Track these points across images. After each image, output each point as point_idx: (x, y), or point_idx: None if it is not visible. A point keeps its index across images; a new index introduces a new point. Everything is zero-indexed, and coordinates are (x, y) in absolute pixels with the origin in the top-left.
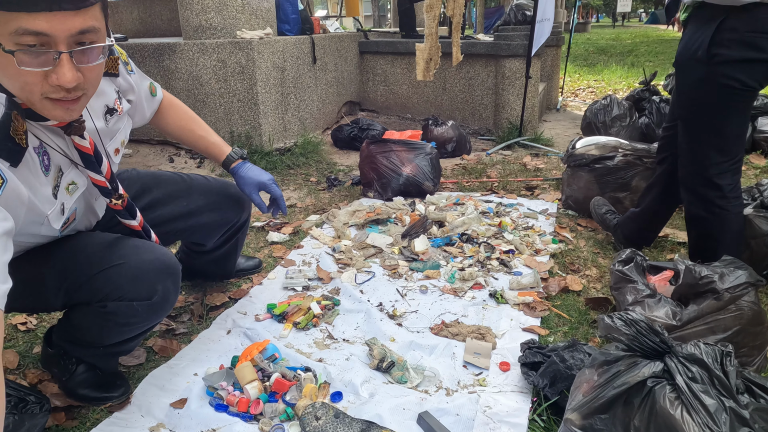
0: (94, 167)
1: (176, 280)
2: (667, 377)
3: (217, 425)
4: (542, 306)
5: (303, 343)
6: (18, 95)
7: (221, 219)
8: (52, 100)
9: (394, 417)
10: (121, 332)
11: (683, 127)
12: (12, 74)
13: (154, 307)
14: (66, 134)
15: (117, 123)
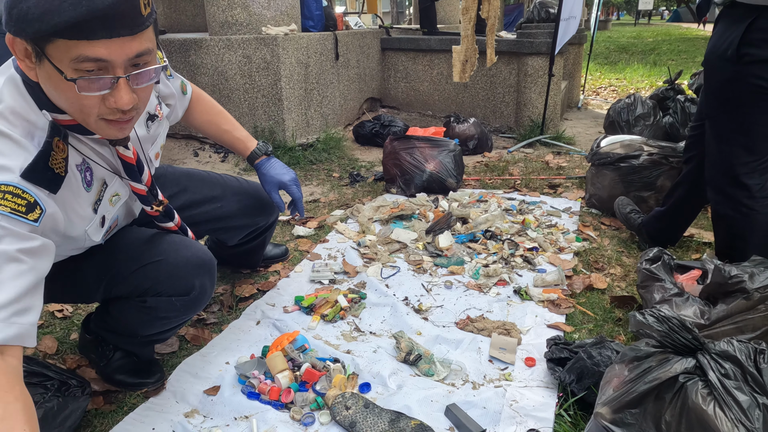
0: (136, 177)
1: (212, 275)
2: (699, 373)
3: (250, 412)
4: (567, 303)
5: (331, 335)
6: (73, 116)
7: (251, 222)
8: (107, 121)
9: (423, 408)
10: (159, 325)
11: (711, 127)
12: (71, 98)
13: (191, 302)
14: (111, 145)
15: (158, 128)
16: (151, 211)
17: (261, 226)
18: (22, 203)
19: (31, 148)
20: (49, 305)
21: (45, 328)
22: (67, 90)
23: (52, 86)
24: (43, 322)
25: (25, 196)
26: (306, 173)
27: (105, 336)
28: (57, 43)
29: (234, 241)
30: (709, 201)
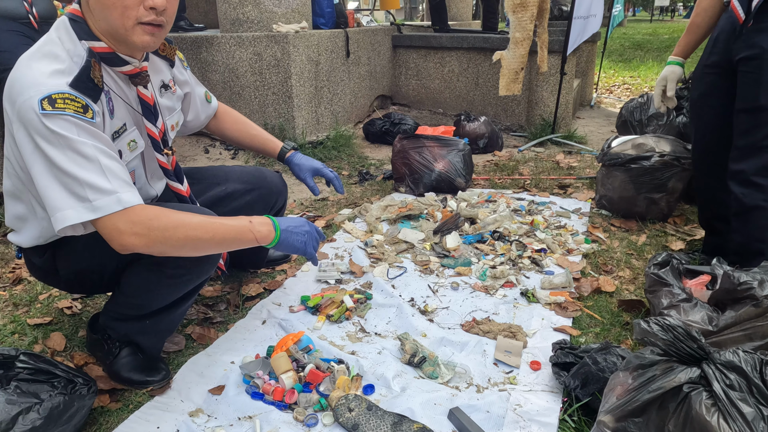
0: (152, 118)
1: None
2: (703, 383)
3: (254, 412)
4: (574, 306)
5: (336, 335)
6: (115, 22)
7: (258, 198)
8: (143, 26)
9: (426, 411)
10: (167, 291)
11: (764, 118)
12: (114, 2)
13: (198, 262)
14: (132, 83)
15: (170, 100)
16: (163, 162)
17: (270, 205)
18: (78, 106)
19: (74, 67)
20: (58, 302)
21: (54, 325)
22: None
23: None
24: (52, 319)
25: (78, 100)
26: None
27: (114, 327)
28: None
29: None
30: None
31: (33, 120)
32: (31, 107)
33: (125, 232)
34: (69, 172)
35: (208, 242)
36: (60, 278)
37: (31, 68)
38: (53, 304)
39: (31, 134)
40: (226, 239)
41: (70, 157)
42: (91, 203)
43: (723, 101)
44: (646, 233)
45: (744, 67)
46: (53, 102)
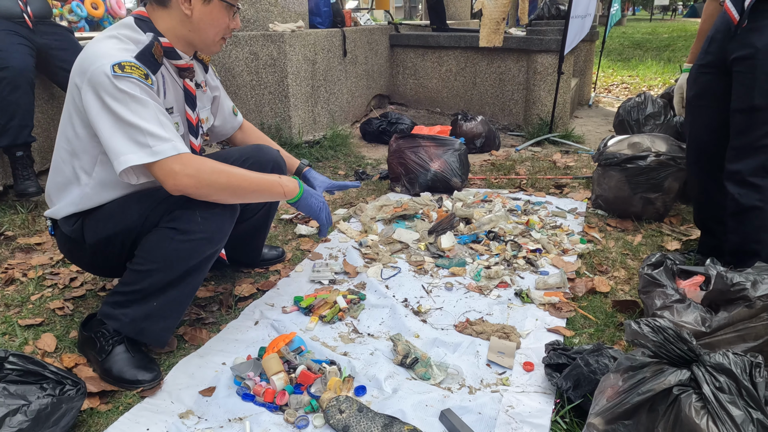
0: (192, 105)
1: (233, 216)
2: (693, 386)
3: (244, 414)
4: (568, 307)
5: (328, 336)
6: (208, 36)
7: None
8: (220, 40)
9: (417, 413)
10: (180, 248)
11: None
12: (218, 22)
13: (210, 221)
14: (180, 76)
15: (203, 98)
16: (196, 144)
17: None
18: (142, 73)
19: (136, 48)
20: (50, 302)
21: (45, 325)
22: (220, 16)
23: (207, 16)
24: (44, 320)
25: (141, 69)
26: None
27: (118, 317)
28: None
29: None
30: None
31: (104, 82)
32: (103, 71)
33: (179, 173)
34: (132, 123)
35: (245, 189)
36: (86, 250)
37: (101, 46)
38: (45, 304)
39: (100, 95)
40: (259, 188)
41: (133, 110)
42: (151, 148)
43: (718, 102)
44: (641, 233)
45: (738, 67)
46: (122, 67)
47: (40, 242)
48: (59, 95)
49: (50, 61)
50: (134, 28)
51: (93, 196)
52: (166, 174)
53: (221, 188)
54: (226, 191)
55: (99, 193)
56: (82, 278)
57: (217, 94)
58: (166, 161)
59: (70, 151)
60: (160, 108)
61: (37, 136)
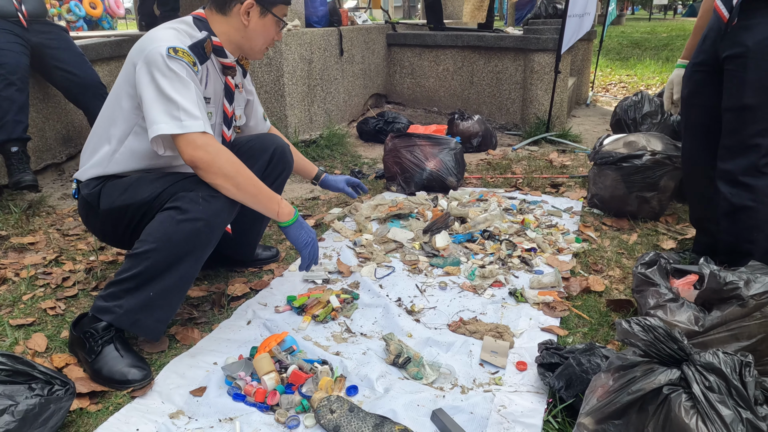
0: (230, 99)
1: (234, 207)
2: (683, 385)
3: (235, 414)
4: (562, 306)
5: (321, 336)
6: (256, 44)
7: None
8: (264, 49)
9: (408, 413)
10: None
11: (749, 117)
12: (269, 32)
13: (211, 204)
14: (224, 73)
15: (238, 98)
16: (227, 134)
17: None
18: (191, 60)
19: (190, 41)
20: (42, 302)
21: (36, 325)
22: (270, 29)
23: (260, 28)
24: (35, 320)
25: (191, 56)
26: None
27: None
28: (279, 6)
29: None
30: None
31: (158, 60)
32: (159, 52)
33: (199, 146)
34: (171, 98)
35: (247, 189)
36: (99, 215)
37: (161, 33)
38: (37, 304)
39: (151, 70)
40: (259, 194)
41: (175, 88)
42: (182, 122)
43: (711, 100)
44: (637, 232)
45: (729, 66)
46: (176, 51)
47: (34, 242)
48: (54, 95)
49: (45, 60)
50: (191, 25)
51: (120, 161)
52: (186, 144)
53: (227, 176)
54: (230, 181)
55: (126, 160)
56: (74, 278)
57: (251, 98)
58: (191, 135)
59: (110, 118)
60: (198, 92)
61: (32, 135)
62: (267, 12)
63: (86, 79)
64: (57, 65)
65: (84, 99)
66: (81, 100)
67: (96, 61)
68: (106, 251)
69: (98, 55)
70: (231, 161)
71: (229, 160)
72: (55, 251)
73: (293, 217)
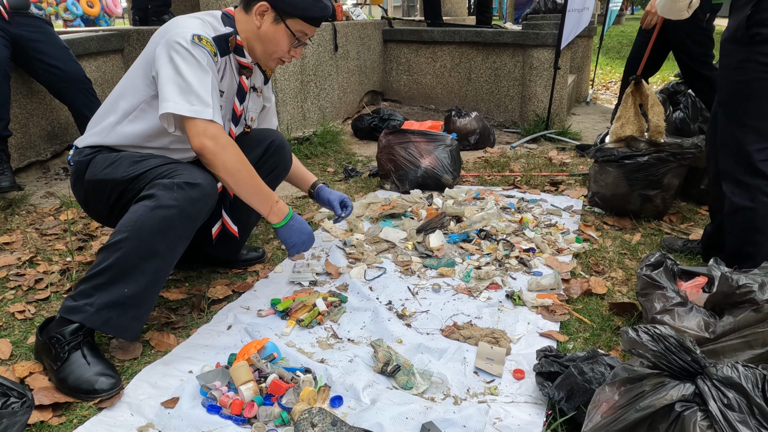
0: (241, 99)
1: (211, 199)
2: (698, 402)
3: (208, 428)
4: (562, 310)
5: (305, 341)
6: (266, 51)
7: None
8: (277, 60)
9: (396, 427)
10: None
11: (724, 113)
12: (280, 44)
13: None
14: (239, 73)
15: (254, 101)
16: (234, 131)
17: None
18: (213, 50)
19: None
20: (11, 305)
21: (2, 330)
22: (282, 41)
23: (271, 35)
24: (2, 324)
25: (214, 47)
26: None
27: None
28: (297, 20)
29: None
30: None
31: (181, 43)
32: (183, 36)
33: (206, 135)
34: (188, 80)
35: (244, 188)
36: (83, 185)
37: (188, 21)
38: (5, 308)
39: (171, 52)
40: (255, 195)
41: (193, 71)
42: (193, 106)
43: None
44: (640, 232)
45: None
46: (201, 39)
47: (10, 242)
48: (39, 90)
49: (27, 53)
50: (218, 19)
51: (119, 134)
52: (195, 129)
53: (229, 171)
54: (231, 177)
55: (125, 134)
56: (48, 279)
57: (269, 105)
58: (199, 120)
59: (122, 93)
60: (214, 81)
61: (14, 132)
62: (281, 21)
63: (70, 74)
64: (39, 58)
65: (68, 94)
66: (65, 95)
67: (83, 56)
68: (84, 251)
69: (85, 49)
70: (236, 156)
71: (234, 155)
72: (31, 251)
73: (284, 219)
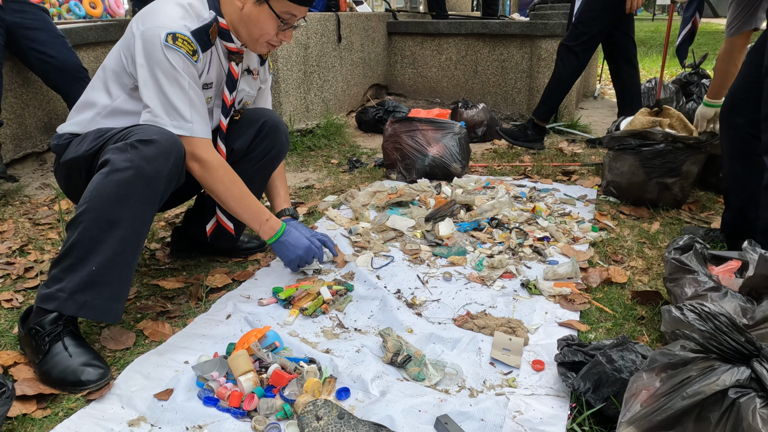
0: (231, 88)
1: (171, 155)
2: (755, 387)
3: (204, 421)
4: (581, 299)
5: (309, 331)
6: (252, 34)
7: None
8: (266, 44)
9: (408, 420)
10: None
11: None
12: (265, 26)
13: (140, 152)
14: (229, 58)
15: (248, 84)
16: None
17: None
18: (190, 49)
19: (196, 22)
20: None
21: None
22: (267, 23)
23: (254, 17)
24: None
25: (191, 44)
26: (303, 159)
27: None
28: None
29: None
30: None
31: (155, 45)
32: (158, 35)
33: (192, 157)
34: (165, 92)
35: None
36: (61, 167)
37: (168, 9)
38: None
39: (150, 61)
40: (243, 215)
41: (170, 82)
42: (175, 122)
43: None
44: (659, 221)
45: None
46: (175, 39)
47: (1, 231)
48: (35, 80)
49: (20, 41)
50: (203, 2)
51: (100, 124)
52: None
53: (215, 194)
54: (218, 198)
55: (107, 124)
56: (38, 268)
57: (265, 87)
58: (183, 138)
59: (103, 84)
60: (194, 86)
61: (10, 123)
62: (263, 1)
63: (65, 63)
64: (33, 46)
65: (62, 83)
66: (59, 85)
67: (81, 45)
68: None
69: (83, 39)
70: (221, 180)
71: (222, 176)
72: (23, 240)
73: (275, 236)
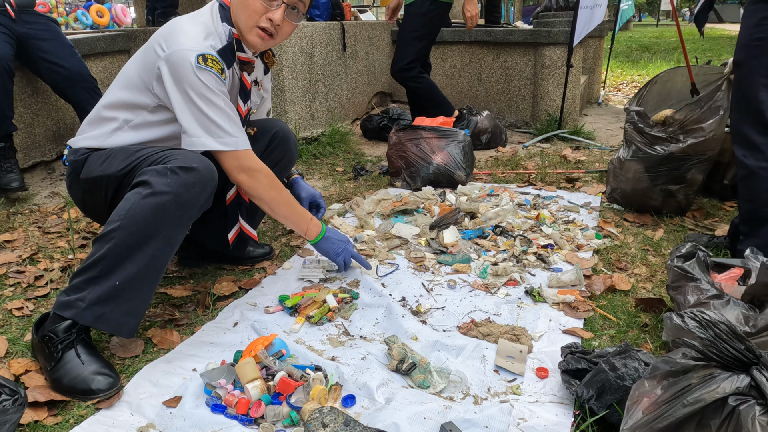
0: (244, 98)
1: (209, 184)
2: (755, 395)
3: (212, 428)
4: (585, 306)
5: (315, 339)
6: (242, 20)
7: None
8: (258, 29)
9: (413, 427)
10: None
11: (738, 74)
12: (248, 6)
13: (181, 178)
14: (240, 68)
15: (255, 94)
16: None
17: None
18: (219, 68)
19: (218, 40)
20: (9, 302)
21: (0, 327)
22: (252, 2)
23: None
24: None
25: (219, 63)
26: (308, 167)
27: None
28: None
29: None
30: None
31: (186, 68)
32: (188, 59)
33: (241, 169)
34: (205, 112)
35: (279, 212)
36: (79, 184)
37: (189, 29)
38: (3, 305)
39: (183, 84)
40: (291, 217)
41: (206, 103)
42: (221, 139)
43: None
44: (662, 228)
45: None
46: (205, 60)
47: (11, 239)
48: (44, 90)
49: (31, 51)
50: (216, 15)
51: (120, 138)
52: (229, 165)
53: (263, 200)
54: (266, 204)
55: (127, 138)
56: (48, 276)
57: (266, 96)
58: (229, 154)
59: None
60: (228, 102)
61: (18, 132)
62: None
63: (74, 73)
64: (43, 57)
65: (72, 93)
66: (69, 94)
67: (89, 56)
68: (87, 249)
69: (91, 49)
70: (270, 185)
71: (269, 183)
72: (33, 249)
73: (320, 234)
